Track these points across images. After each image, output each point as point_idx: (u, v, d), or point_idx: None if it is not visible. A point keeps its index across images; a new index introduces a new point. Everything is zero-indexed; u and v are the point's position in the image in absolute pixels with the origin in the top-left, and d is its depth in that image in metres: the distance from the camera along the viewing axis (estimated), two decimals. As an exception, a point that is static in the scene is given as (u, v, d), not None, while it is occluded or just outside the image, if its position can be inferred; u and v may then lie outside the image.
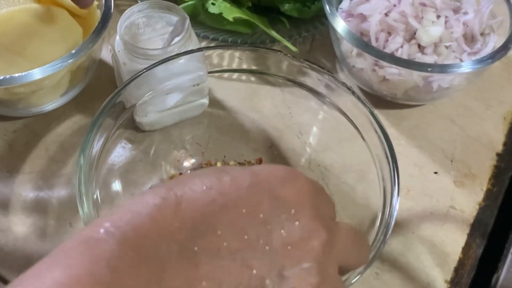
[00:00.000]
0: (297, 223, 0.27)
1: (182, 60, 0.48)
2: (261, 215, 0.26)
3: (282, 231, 0.26)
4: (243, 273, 0.25)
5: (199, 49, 0.49)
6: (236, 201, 0.26)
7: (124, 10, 0.52)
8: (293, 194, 0.27)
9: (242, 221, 0.26)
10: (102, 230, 0.24)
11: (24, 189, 0.51)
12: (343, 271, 0.30)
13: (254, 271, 0.25)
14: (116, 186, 0.48)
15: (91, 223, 0.25)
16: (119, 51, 0.50)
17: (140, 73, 0.47)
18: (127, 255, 0.23)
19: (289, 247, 0.26)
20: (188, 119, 0.53)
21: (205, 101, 0.53)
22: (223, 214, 0.26)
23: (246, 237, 0.26)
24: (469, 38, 0.55)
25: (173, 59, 0.48)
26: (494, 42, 0.54)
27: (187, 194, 0.25)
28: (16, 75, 0.46)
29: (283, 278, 0.26)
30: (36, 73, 0.47)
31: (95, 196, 0.43)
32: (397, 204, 0.41)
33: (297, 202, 0.27)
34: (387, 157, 0.44)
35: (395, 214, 0.40)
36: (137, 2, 0.62)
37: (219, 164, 0.52)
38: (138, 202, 0.25)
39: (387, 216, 0.41)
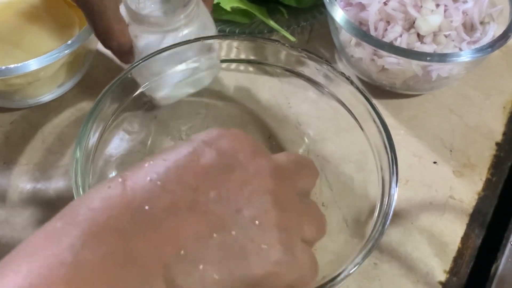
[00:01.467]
0: (241, 167, 0.29)
1: (190, 29, 0.48)
2: (204, 168, 0.28)
3: (228, 176, 0.28)
4: (202, 219, 0.27)
5: (195, 40, 0.49)
6: (178, 161, 0.28)
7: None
8: (229, 144, 0.30)
9: (187, 176, 0.28)
10: (59, 223, 0.26)
11: (21, 180, 0.50)
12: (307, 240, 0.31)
13: (212, 215, 0.27)
14: (114, 177, 0.48)
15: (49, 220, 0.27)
16: (129, 25, 0.50)
17: (142, 60, 0.47)
18: (87, 232, 0.25)
19: (240, 187, 0.28)
20: (201, 90, 0.53)
21: (216, 64, 0.53)
22: (168, 176, 0.27)
23: (196, 188, 0.27)
24: (469, 27, 0.54)
25: (179, 46, 0.48)
26: (494, 31, 0.53)
27: (129, 174, 0.28)
28: (12, 66, 0.46)
29: (240, 213, 0.27)
30: (32, 64, 0.47)
31: (92, 188, 0.43)
32: (395, 193, 0.41)
33: (236, 149, 0.30)
34: (385, 147, 0.44)
35: (393, 204, 0.40)
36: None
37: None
38: (89, 193, 0.28)
39: (385, 206, 0.40)
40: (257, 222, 0.27)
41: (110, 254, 0.24)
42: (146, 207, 0.26)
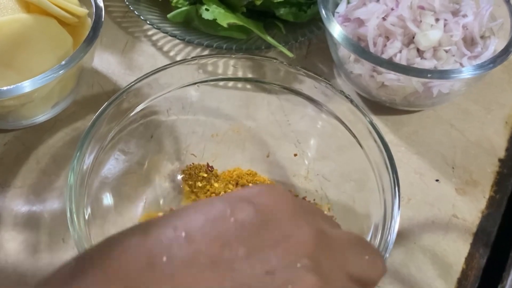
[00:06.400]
0: (278, 225, 0.26)
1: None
2: (237, 224, 0.25)
3: (262, 234, 0.25)
4: (225, 276, 0.24)
5: (192, 58, 0.48)
6: (208, 213, 0.26)
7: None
8: (269, 201, 0.27)
9: (215, 230, 0.25)
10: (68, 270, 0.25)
11: (15, 203, 0.49)
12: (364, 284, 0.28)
13: (237, 274, 0.24)
14: (108, 199, 0.47)
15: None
16: None
17: (138, 80, 0.47)
18: (96, 279, 0.24)
19: (274, 247, 0.25)
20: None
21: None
22: (195, 227, 0.25)
23: (223, 244, 0.25)
24: (469, 42, 0.53)
25: (176, 65, 0.48)
26: (495, 45, 0.52)
27: (155, 221, 0.26)
28: (5, 88, 0.45)
29: (271, 275, 0.24)
30: (26, 86, 0.46)
31: (86, 215, 0.42)
32: (398, 217, 0.40)
33: (275, 207, 0.27)
34: (387, 168, 0.43)
35: (396, 228, 0.39)
36: (129, 8, 0.60)
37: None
38: (111, 238, 0.26)
39: (387, 230, 0.40)
40: (289, 287, 0.24)
41: None
42: (165, 258, 0.24)
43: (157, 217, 0.27)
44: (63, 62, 0.47)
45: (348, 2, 0.56)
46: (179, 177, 0.50)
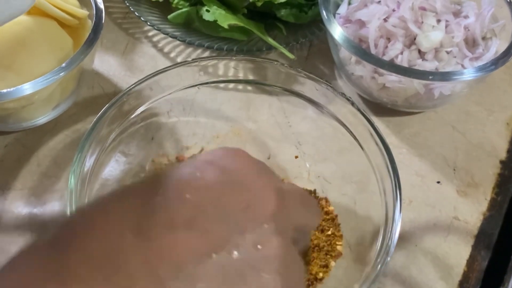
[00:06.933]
0: (245, 187, 0.28)
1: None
2: (206, 185, 0.27)
3: (231, 195, 0.27)
4: (202, 237, 0.25)
5: (193, 60, 0.48)
6: (178, 177, 0.28)
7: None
8: (233, 163, 0.29)
9: (187, 192, 0.27)
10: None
11: (16, 206, 0.49)
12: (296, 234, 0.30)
13: (212, 234, 0.26)
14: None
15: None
16: None
17: (140, 81, 0.47)
18: (76, 247, 0.24)
19: (243, 209, 0.27)
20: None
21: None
22: (167, 192, 0.27)
23: (196, 206, 0.26)
24: (470, 43, 0.53)
25: (178, 66, 0.48)
26: (496, 46, 0.52)
27: (130, 188, 0.28)
28: (5, 90, 0.45)
29: (242, 235, 0.26)
30: (27, 88, 0.46)
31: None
32: (399, 221, 0.40)
33: (240, 169, 0.29)
34: (388, 169, 0.43)
35: (397, 232, 0.39)
36: (130, 9, 0.60)
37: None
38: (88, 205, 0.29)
39: (389, 233, 0.39)
40: (259, 247, 0.26)
41: (98, 269, 0.23)
42: (142, 223, 0.25)
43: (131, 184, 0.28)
44: (64, 64, 0.47)
45: (349, 3, 0.56)
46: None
